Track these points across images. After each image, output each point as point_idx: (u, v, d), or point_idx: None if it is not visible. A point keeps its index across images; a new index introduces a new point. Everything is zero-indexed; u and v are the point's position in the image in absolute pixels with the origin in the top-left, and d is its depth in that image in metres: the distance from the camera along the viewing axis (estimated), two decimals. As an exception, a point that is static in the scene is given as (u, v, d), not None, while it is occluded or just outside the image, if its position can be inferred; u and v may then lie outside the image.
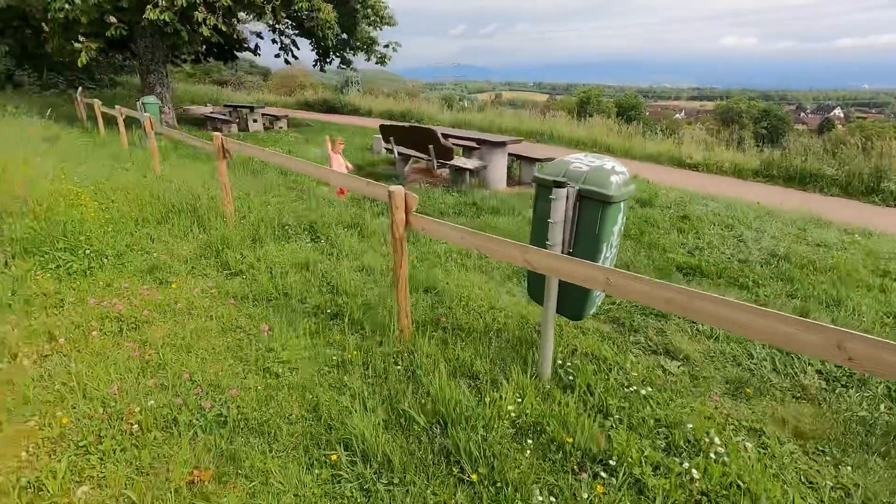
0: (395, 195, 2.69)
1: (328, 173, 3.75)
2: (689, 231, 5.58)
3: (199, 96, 26.48)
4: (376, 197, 3.19)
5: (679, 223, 5.88)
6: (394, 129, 8.45)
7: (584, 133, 16.33)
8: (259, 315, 3.39)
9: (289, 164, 4.23)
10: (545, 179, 2.52)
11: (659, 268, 4.47)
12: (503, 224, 5.54)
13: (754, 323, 1.59)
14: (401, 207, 2.72)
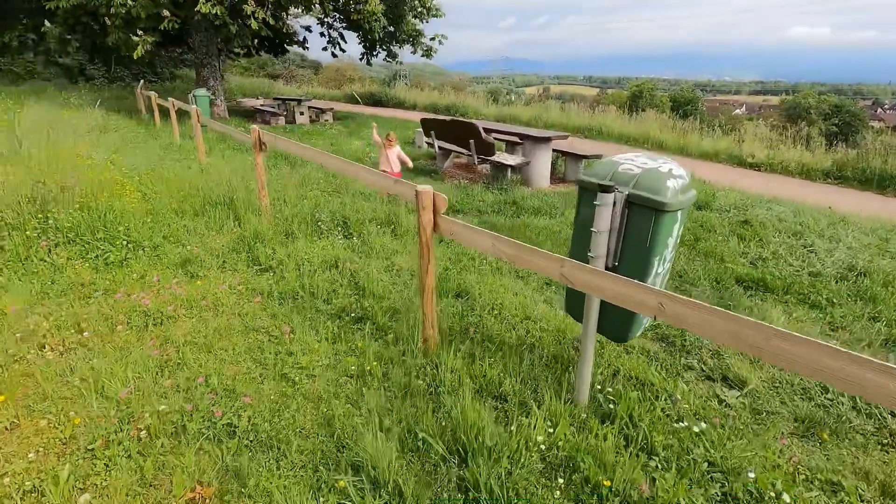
0: (422, 195, 2.48)
1: (358, 171, 3.58)
2: (750, 238, 5.06)
3: (252, 89, 27.25)
4: (404, 196, 2.99)
5: (739, 229, 5.36)
6: (435, 123, 8.25)
7: (635, 129, 15.58)
8: (283, 315, 3.27)
9: (319, 158, 4.09)
10: (590, 182, 2.23)
11: (716, 279, 4.05)
12: (544, 226, 5.22)
13: (851, 373, 1.27)
14: (428, 208, 2.51)
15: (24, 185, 4.79)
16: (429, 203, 2.50)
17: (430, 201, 2.50)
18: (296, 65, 51.68)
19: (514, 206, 6.05)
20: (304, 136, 11.82)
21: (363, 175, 3.42)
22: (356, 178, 3.60)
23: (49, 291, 3.51)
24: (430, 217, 2.53)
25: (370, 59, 18.08)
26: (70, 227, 4.26)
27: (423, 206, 2.49)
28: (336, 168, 3.76)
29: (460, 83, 67.65)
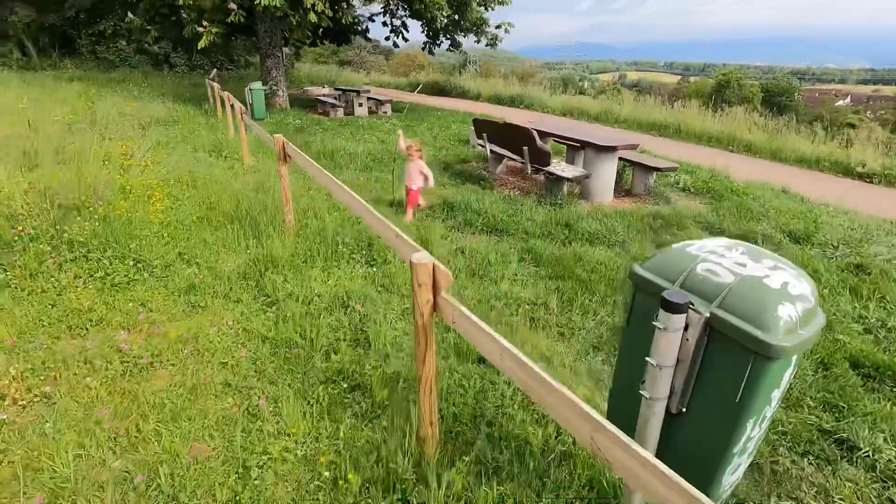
0: (418, 269, 1.87)
1: (362, 209, 3.00)
2: (868, 293, 3.98)
3: (320, 77, 27.58)
4: (401, 255, 2.39)
5: (852, 277, 4.27)
6: (487, 125, 7.54)
7: (719, 127, 13.93)
8: (272, 372, 2.81)
9: (330, 185, 3.53)
10: (649, 282, 1.52)
11: (822, 360, 3.11)
12: (599, 259, 4.42)
13: None
14: (426, 285, 1.89)
15: (52, 192, 4.68)
16: (427, 278, 1.88)
17: (428, 276, 1.88)
18: (367, 51, 52.29)
19: (567, 229, 5.27)
20: (357, 129, 11.50)
21: (367, 216, 2.85)
22: (360, 216, 3.03)
23: (44, 319, 3.28)
24: (429, 297, 1.91)
25: (433, 49, 17.50)
26: (83, 241, 4.06)
27: (418, 281, 1.88)
28: (343, 201, 3.22)
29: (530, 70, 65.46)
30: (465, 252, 4.41)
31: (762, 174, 8.92)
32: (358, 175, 7.17)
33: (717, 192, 7.01)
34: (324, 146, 8.70)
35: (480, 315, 1.86)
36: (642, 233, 5.20)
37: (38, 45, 26.41)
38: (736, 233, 5.24)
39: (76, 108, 10.24)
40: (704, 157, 10.21)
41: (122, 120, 9.35)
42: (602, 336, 3.28)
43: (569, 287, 3.86)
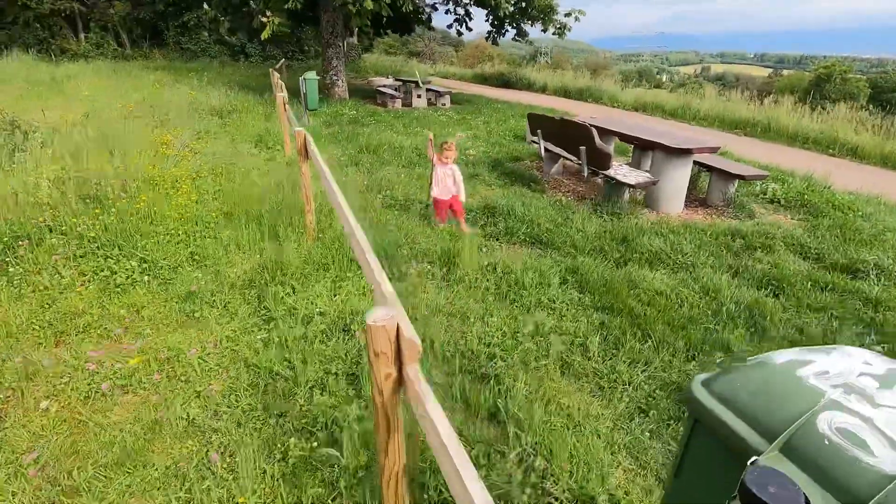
0: (375, 332, 1.31)
1: (362, 243, 2.41)
2: None
3: (385, 68, 27.54)
4: (375, 299, 1.84)
5: None
6: (542, 120, 6.83)
7: (818, 126, 12.20)
8: (240, 415, 2.40)
9: (336, 201, 2.96)
10: (720, 422, 0.89)
11: None
12: (658, 288, 3.65)
13: None
14: (386, 355, 1.34)
15: (79, 182, 4.60)
16: (386, 346, 1.32)
17: (388, 343, 1.32)
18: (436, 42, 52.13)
19: (624, 246, 4.52)
20: (411, 122, 11.09)
21: (361, 257, 2.27)
22: (355, 254, 2.47)
23: (35, 322, 3.08)
24: (391, 370, 1.36)
25: (497, 39, 16.74)
26: (94, 236, 3.89)
27: (375, 349, 1.33)
28: (345, 226, 2.64)
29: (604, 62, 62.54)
30: (498, 268, 3.81)
31: (871, 184, 7.52)
32: (399, 172, 6.72)
33: (815, 207, 5.88)
34: (370, 139, 8.33)
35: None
36: (717, 256, 4.34)
37: (132, 36, 28.38)
38: (842, 262, 4.24)
39: (146, 96, 10.61)
40: (798, 161, 8.85)
41: (181, 108, 9.51)
42: (653, 396, 2.59)
43: (617, 323, 3.17)
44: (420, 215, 4.89)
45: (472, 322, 3.18)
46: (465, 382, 2.62)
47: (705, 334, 3.09)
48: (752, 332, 3.17)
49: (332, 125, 10.20)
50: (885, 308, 3.47)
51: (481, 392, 2.51)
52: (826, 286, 3.79)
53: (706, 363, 2.82)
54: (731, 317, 3.30)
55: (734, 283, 3.78)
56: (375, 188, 5.89)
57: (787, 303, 3.54)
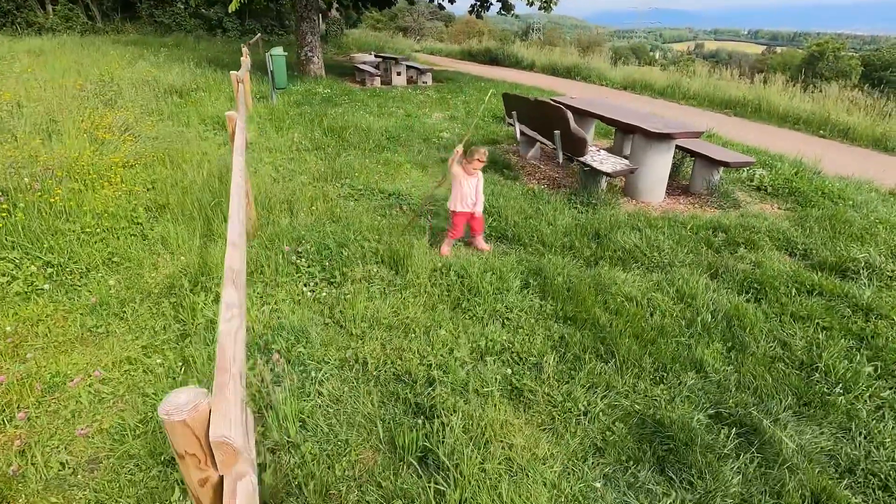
0: (172, 429, 0.90)
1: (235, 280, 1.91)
2: None
3: (369, 44, 26.59)
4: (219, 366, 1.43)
5: None
6: (517, 101, 6.37)
7: (809, 106, 11.80)
8: (121, 461, 2.02)
9: (232, 216, 2.34)
10: None
11: None
12: (629, 293, 3.28)
13: None
14: (195, 458, 0.94)
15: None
16: (192, 444, 0.93)
17: (193, 442, 0.93)
18: (424, 17, 50.65)
19: (597, 241, 4.14)
20: (387, 101, 10.53)
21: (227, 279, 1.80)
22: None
23: None
24: (206, 474, 0.97)
25: (481, 13, 16.04)
26: (8, 230, 3.43)
27: (179, 450, 0.93)
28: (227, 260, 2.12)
29: (597, 38, 61.23)
30: (453, 271, 3.42)
31: (864, 168, 7.18)
32: (364, 157, 6.25)
33: (803, 195, 5.53)
34: (337, 120, 7.81)
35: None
36: (696, 253, 3.98)
37: (103, 8, 27.08)
38: (830, 260, 3.90)
39: (104, 72, 9.92)
40: (789, 143, 8.48)
41: (138, 87, 8.87)
42: (611, 429, 2.24)
43: (578, 339, 2.80)
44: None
45: (415, 336, 2.80)
46: (396, 415, 2.26)
47: (677, 350, 2.74)
48: (730, 346, 2.82)
49: (302, 105, 9.62)
50: (877, 316, 3.13)
51: (412, 429, 2.15)
52: (812, 289, 3.44)
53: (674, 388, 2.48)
54: (707, 328, 2.95)
55: (712, 287, 3.42)
56: (334, 176, 5.43)
57: (769, 310, 3.19)
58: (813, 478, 1.98)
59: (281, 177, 5.28)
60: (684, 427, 2.19)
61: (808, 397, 2.44)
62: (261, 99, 9.86)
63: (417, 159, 6.41)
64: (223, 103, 8.71)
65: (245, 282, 1.55)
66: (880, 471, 2.05)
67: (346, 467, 2.00)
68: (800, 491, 1.93)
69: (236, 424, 0.94)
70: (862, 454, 2.14)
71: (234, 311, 1.28)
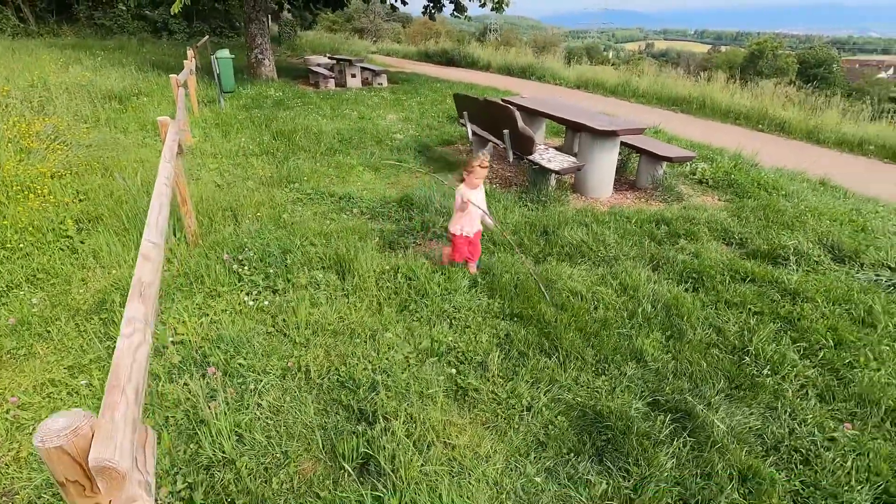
0: (50, 457, 0.85)
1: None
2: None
3: (323, 46, 26.20)
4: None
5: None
6: (467, 101, 6.40)
7: (749, 102, 12.41)
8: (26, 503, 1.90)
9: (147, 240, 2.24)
10: None
11: (877, 471, 2.04)
12: (574, 288, 3.35)
13: None
14: (79, 486, 0.88)
15: None
16: (73, 471, 0.86)
17: (74, 468, 0.86)
18: (381, 18, 50.30)
19: (545, 238, 4.20)
20: (341, 103, 10.39)
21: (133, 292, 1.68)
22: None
23: None
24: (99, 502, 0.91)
25: (434, 14, 16.07)
26: None
27: (57, 477, 0.87)
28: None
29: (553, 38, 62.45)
30: (401, 273, 3.40)
31: (797, 160, 7.61)
32: (315, 161, 6.14)
33: (741, 186, 5.80)
34: (288, 124, 7.64)
35: None
36: (640, 246, 4.10)
37: (36, 10, 25.57)
38: (763, 248, 4.10)
39: (36, 78, 9.35)
40: (731, 138, 8.88)
41: (72, 92, 8.41)
42: (553, 423, 2.27)
43: (523, 335, 2.83)
44: (328, 207, 4.30)
45: (361, 341, 2.76)
46: (339, 422, 2.22)
47: (618, 341, 2.81)
48: (669, 335, 2.91)
49: (251, 108, 9.37)
50: (803, 299, 3.31)
51: (354, 436, 2.11)
52: (746, 277, 3.61)
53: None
54: (648, 319, 3.04)
55: (654, 278, 3.53)
56: (283, 181, 5.31)
57: (706, 298, 3.32)
58: (741, 457, 2.07)
59: (226, 183, 5.12)
60: (622, 416, 2.25)
61: (739, 380, 2.55)
62: (209, 103, 9.55)
63: (370, 161, 6.35)
64: (167, 108, 8.37)
65: (156, 294, 1.47)
66: (802, 446, 2.16)
67: (284, 480, 1.95)
68: (728, 471, 2.01)
69: (124, 447, 0.89)
70: (786, 431, 2.25)
71: (138, 326, 1.21)
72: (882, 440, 2.22)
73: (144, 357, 1.15)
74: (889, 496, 1.97)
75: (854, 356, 2.76)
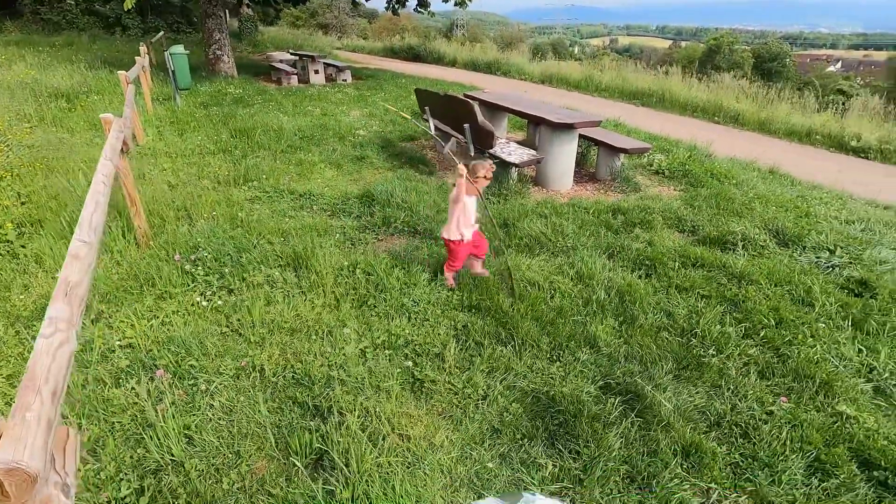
0: None
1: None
2: (878, 327, 3.04)
3: (286, 42, 25.67)
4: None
5: (854, 301, 3.32)
6: (429, 96, 6.40)
7: (706, 96, 12.81)
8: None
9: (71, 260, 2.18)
10: None
11: (816, 455, 2.15)
12: (531, 277, 3.39)
13: None
14: None
15: None
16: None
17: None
18: (346, 14, 49.55)
19: (506, 230, 4.25)
20: (303, 100, 10.21)
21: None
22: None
23: None
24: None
25: (397, 9, 15.96)
26: None
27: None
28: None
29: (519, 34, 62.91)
30: (359, 269, 3.38)
31: (749, 150, 7.92)
32: (275, 159, 6.02)
33: (695, 176, 5.99)
34: (247, 122, 7.47)
35: None
36: (597, 235, 4.19)
37: (-24, 5, 24.20)
38: (713, 234, 4.25)
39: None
40: (687, 130, 9.15)
41: (14, 90, 8.01)
42: (508, 410, 2.31)
43: (480, 326, 2.87)
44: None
45: (317, 338, 2.74)
46: (293, 419, 2.20)
47: (573, 328, 2.87)
48: (622, 321, 3.00)
49: (209, 106, 9.11)
50: (748, 282, 3.46)
51: (307, 432, 2.09)
52: (696, 262, 3.74)
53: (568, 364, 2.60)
54: (602, 305, 3.12)
55: (609, 266, 3.62)
56: (241, 179, 5.19)
57: (658, 284, 3.43)
58: (685, 434, 2.15)
59: (180, 182, 4.97)
60: (574, 400, 2.30)
61: (687, 361, 2.65)
62: (164, 101, 9.24)
63: (332, 158, 6.27)
64: (120, 107, 8.05)
65: (84, 295, 1.43)
66: (742, 420, 2.27)
67: (235, 480, 1.92)
68: (672, 447, 2.09)
69: (35, 448, 0.86)
70: (728, 407, 2.35)
71: (60, 326, 1.17)
72: (815, 412, 2.35)
73: (66, 357, 1.11)
74: (820, 463, 2.09)
75: (793, 334, 2.91)
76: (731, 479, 2.01)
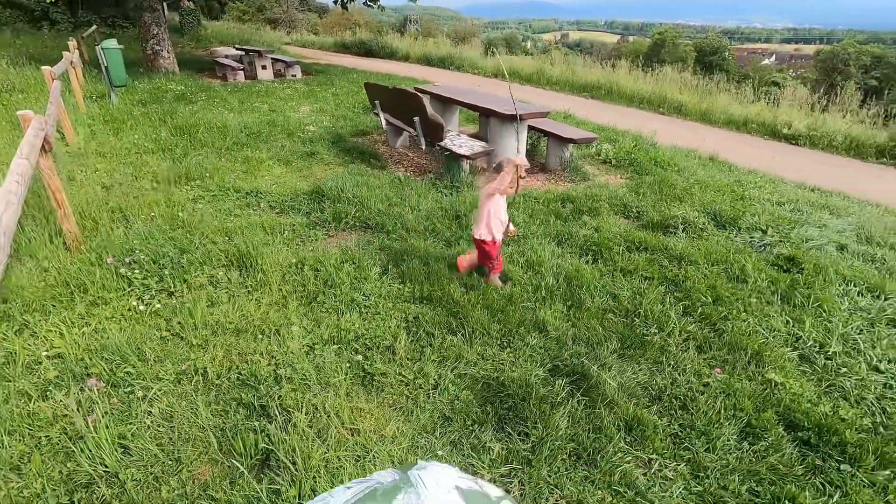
0: None
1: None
2: (803, 300, 3.25)
3: (231, 37, 24.75)
4: None
5: (783, 279, 3.53)
6: (378, 90, 6.33)
7: (651, 88, 13.27)
8: None
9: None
10: None
11: (747, 421, 2.28)
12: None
13: None
14: None
15: None
16: None
17: None
18: (295, 8, 48.21)
19: (457, 222, 4.27)
20: (250, 96, 9.88)
21: None
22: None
23: None
24: None
25: (346, 4, 15.67)
26: None
27: None
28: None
29: (473, 29, 63.08)
30: (307, 266, 3.31)
31: (691, 139, 8.27)
32: (220, 157, 5.80)
33: (640, 165, 6.20)
34: (188, 119, 7.16)
35: None
36: (546, 224, 4.27)
37: None
38: (656, 219, 4.42)
39: None
40: (634, 120, 9.46)
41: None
42: (459, 398, 2.32)
43: (431, 316, 2.87)
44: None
45: (264, 337, 2.66)
46: (238, 421, 2.13)
47: (523, 315, 2.92)
48: (570, 305, 3.07)
49: (148, 103, 8.66)
50: (688, 262, 3.62)
51: (253, 433, 2.03)
52: (640, 246, 3.88)
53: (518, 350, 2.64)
54: (551, 291, 3.18)
55: (558, 253, 3.71)
56: (182, 179, 4.97)
57: (604, 268, 3.53)
58: (628, 409, 2.23)
59: (115, 183, 4.71)
60: (523, 384, 2.34)
61: (631, 340, 2.74)
62: (98, 99, 8.71)
63: (281, 155, 6.10)
64: (46, 105, 7.53)
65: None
66: (681, 393, 2.37)
67: (175, 487, 1.84)
68: (616, 423, 2.16)
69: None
70: (669, 382, 2.45)
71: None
72: (747, 381, 2.49)
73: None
74: (751, 428, 2.21)
75: (728, 310, 3.07)
76: (671, 449, 2.10)
